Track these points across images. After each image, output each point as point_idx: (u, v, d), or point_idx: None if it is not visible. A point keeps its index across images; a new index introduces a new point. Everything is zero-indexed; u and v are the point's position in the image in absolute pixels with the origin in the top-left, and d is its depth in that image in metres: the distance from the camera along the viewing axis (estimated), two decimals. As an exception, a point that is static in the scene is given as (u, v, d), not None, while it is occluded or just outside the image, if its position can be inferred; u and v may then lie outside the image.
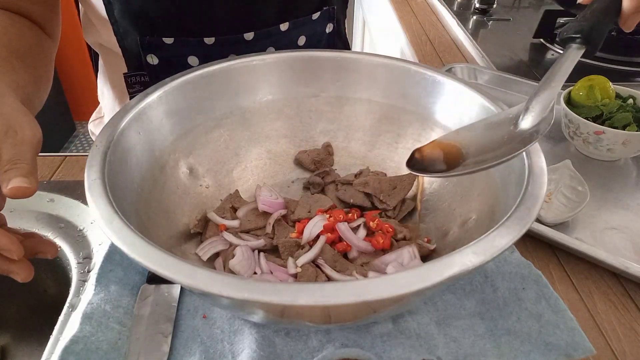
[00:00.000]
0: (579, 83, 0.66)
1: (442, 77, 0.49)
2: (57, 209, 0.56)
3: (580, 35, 0.36)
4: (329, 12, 0.65)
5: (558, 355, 0.39)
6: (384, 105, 0.53)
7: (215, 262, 0.46)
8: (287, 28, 0.61)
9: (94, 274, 0.44)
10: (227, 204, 0.50)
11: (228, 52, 0.58)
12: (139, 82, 0.61)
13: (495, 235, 0.30)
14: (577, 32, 0.36)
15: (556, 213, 0.53)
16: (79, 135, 2.40)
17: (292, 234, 0.47)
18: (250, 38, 0.59)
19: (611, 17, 0.38)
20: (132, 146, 0.42)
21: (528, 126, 0.37)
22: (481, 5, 1.18)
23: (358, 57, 0.53)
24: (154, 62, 0.59)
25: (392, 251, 0.45)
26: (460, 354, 0.39)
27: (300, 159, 0.55)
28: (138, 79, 0.61)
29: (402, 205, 0.51)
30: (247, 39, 0.59)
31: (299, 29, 0.63)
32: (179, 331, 0.40)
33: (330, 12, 0.65)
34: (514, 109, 0.39)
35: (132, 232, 0.30)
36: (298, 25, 0.62)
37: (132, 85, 0.61)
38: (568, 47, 0.37)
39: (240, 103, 0.53)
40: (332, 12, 0.65)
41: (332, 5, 0.65)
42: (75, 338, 0.39)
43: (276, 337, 0.40)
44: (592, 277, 0.48)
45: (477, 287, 0.44)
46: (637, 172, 0.63)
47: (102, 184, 0.34)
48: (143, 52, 0.58)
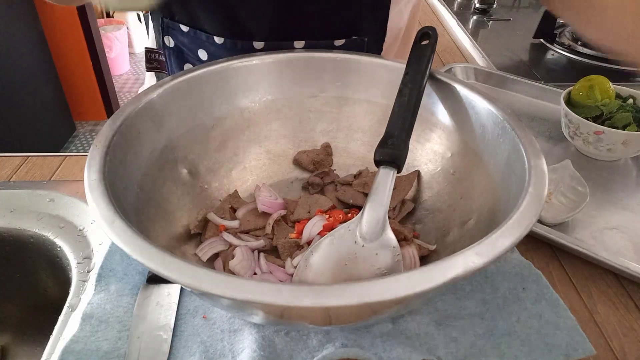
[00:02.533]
0: (579, 83, 0.66)
1: (442, 77, 0.49)
2: (57, 209, 0.56)
3: (396, 162, 0.42)
4: (357, 42, 0.58)
5: (558, 355, 0.39)
6: (383, 106, 0.53)
7: (215, 263, 0.46)
8: (302, 46, 0.58)
9: (94, 274, 0.44)
10: (227, 205, 0.50)
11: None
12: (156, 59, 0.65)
13: (498, 236, 0.30)
14: (395, 159, 0.42)
15: (556, 213, 0.53)
16: (79, 135, 2.40)
17: (292, 235, 0.47)
18: (260, 47, 0.58)
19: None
20: (132, 146, 0.42)
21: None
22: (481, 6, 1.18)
23: (358, 57, 0.53)
24: (170, 44, 0.62)
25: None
26: (460, 354, 0.39)
27: (299, 160, 0.55)
28: (156, 56, 0.65)
29: (402, 206, 0.51)
30: (257, 47, 0.58)
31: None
32: (179, 331, 0.40)
33: (358, 43, 0.59)
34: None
35: (133, 232, 0.30)
36: (315, 47, 0.58)
37: (150, 61, 0.66)
38: (385, 168, 0.42)
39: (239, 103, 0.53)
40: (362, 44, 0.59)
41: (362, 36, 0.58)
42: (75, 338, 0.39)
43: (276, 337, 0.40)
44: (592, 277, 0.48)
45: (477, 287, 0.44)
46: (637, 172, 0.63)
47: (102, 184, 0.34)
48: (162, 32, 0.61)
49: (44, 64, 2.13)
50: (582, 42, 1.00)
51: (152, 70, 0.67)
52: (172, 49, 0.62)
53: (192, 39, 0.60)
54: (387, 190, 0.41)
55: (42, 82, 2.11)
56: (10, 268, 0.57)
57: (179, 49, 0.62)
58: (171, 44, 0.62)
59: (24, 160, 0.64)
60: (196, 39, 0.60)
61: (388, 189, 0.41)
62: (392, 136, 0.43)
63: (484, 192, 0.43)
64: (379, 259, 0.40)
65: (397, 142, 0.42)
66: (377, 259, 0.40)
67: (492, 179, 0.42)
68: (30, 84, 2.02)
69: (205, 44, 0.59)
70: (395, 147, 0.42)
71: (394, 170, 0.42)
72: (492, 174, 0.43)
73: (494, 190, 0.42)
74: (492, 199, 0.41)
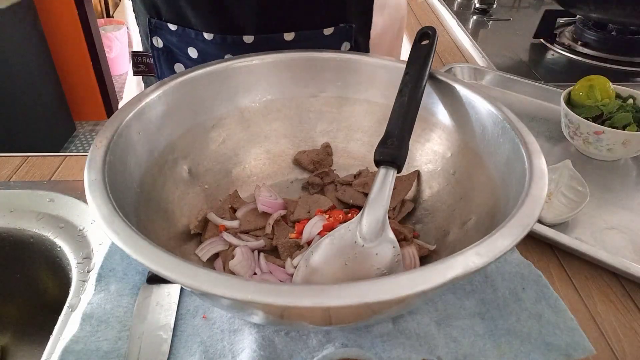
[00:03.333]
0: (579, 83, 0.66)
1: (442, 77, 0.49)
2: (57, 209, 0.56)
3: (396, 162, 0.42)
4: (345, 30, 0.60)
5: (558, 355, 0.39)
6: (383, 106, 0.53)
7: (215, 263, 0.46)
8: (292, 38, 0.59)
9: (94, 274, 0.44)
10: (227, 205, 0.50)
11: (225, 52, 0.58)
12: (144, 62, 0.63)
13: (498, 236, 0.30)
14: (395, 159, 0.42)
15: (556, 213, 0.53)
16: (79, 135, 2.40)
17: (292, 235, 0.47)
18: (250, 41, 0.58)
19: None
20: (132, 146, 0.42)
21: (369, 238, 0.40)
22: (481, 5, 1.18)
23: (358, 57, 0.53)
24: (159, 45, 0.61)
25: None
26: (460, 354, 0.39)
27: (299, 160, 0.55)
28: (144, 59, 0.63)
29: (402, 206, 0.51)
30: (247, 41, 0.58)
31: (307, 42, 0.60)
32: (179, 331, 0.40)
33: (346, 30, 0.60)
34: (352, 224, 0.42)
35: (133, 232, 0.30)
36: (306, 38, 0.59)
37: (137, 65, 0.64)
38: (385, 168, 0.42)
39: (239, 103, 0.53)
40: (349, 31, 0.61)
41: (349, 23, 0.60)
42: (75, 338, 0.39)
43: (276, 337, 0.40)
44: (592, 277, 0.48)
45: (477, 287, 0.44)
46: (637, 172, 0.63)
47: (102, 184, 0.34)
48: (150, 33, 0.60)
49: (44, 64, 2.13)
50: (582, 42, 1.00)
51: (140, 74, 0.66)
52: (161, 49, 0.62)
53: (181, 37, 0.60)
54: (387, 190, 0.41)
55: (42, 82, 2.11)
56: (10, 268, 0.57)
57: (169, 48, 0.62)
58: (160, 44, 0.61)
59: (24, 160, 0.64)
60: (185, 36, 0.59)
61: (388, 189, 0.41)
62: (392, 136, 0.43)
63: (484, 192, 0.43)
64: (379, 259, 0.40)
65: (397, 142, 0.42)
66: (377, 259, 0.40)
67: (492, 179, 0.42)
68: (30, 84, 2.02)
69: (195, 41, 0.59)
70: (395, 147, 0.42)
71: (394, 170, 0.42)
72: (492, 174, 0.43)
73: (494, 190, 0.42)
74: (492, 199, 0.41)
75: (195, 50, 0.60)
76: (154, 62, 0.63)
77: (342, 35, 0.61)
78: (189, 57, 0.61)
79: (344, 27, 0.60)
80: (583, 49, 0.98)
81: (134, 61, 0.63)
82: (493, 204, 0.41)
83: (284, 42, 0.59)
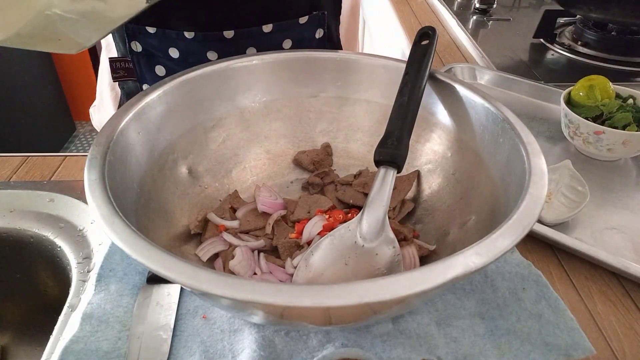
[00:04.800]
0: (579, 83, 0.66)
1: (442, 77, 0.49)
2: (57, 209, 0.56)
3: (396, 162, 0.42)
4: (319, 17, 0.64)
5: (558, 355, 0.39)
6: (383, 106, 0.53)
7: (215, 263, 0.46)
8: (270, 30, 0.61)
9: (94, 274, 0.44)
10: (226, 205, 0.50)
11: (207, 49, 0.59)
12: (123, 67, 0.63)
13: (498, 236, 0.30)
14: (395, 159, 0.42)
15: (556, 213, 0.53)
16: (79, 135, 2.40)
17: (292, 235, 0.47)
18: (230, 36, 0.59)
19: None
20: (132, 146, 0.42)
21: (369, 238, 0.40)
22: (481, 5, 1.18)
23: (358, 57, 0.53)
24: (137, 49, 0.61)
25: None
26: (460, 354, 0.39)
27: (299, 160, 0.55)
28: (122, 64, 0.63)
29: (402, 206, 0.51)
30: (227, 37, 0.59)
31: (284, 33, 0.62)
32: (179, 331, 0.40)
33: (320, 17, 0.64)
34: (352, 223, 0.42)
35: (133, 232, 0.30)
36: (283, 29, 0.61)
37: (116, 71, 0.63)
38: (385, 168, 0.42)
39: (239, 103, 0.53)
40: (323, 18, 0.64)
41: (322, 10, 0.64)
42: (75, 338, 0.39)
43: (276, 337, 0.40)
44: (592, 277, 0.48)
45: (477, 287, 0.44)
46: (637, 172, 0.63)
47: (102, 184, 0.34)
48: (128, 38, 0.60)
49: (44, 64, 2.13)
50: (582, 42, 1.00)
51: (120, 80, 0.65)
52: (141, 53, 0.61)
53: (161, 39, 0.59)
54: (387, 190, 0.41)
55: (42, 82, 2.11)
56: (10, 268, 0.57)
57: (148, 52, 0.61)
58: (139, 48, 0.61)
59: (24, 160, 0.64)
60: (165, 38, 0.59)
61: (388, 189, 0.41)
62: (392, 136, 0.43)
63: (484, 192, 0.43)
64: (379, 259, 0.40)
65: (397, 142, 0.42)
66: (377, 259, 0.40)
67: (492, 179, 0.42)
68: (30, 84, 2.02)
69: (176, 41, 0.59)
70: (395, 147, 0.42)
71: (394, 170, 0.42)
72: (492, 174, 0.43)
73: (494, 190, 0.42)
74: (492, 198, 0.41)
75: (176, 51, 0.60)
76: (134, 66, 0.63)
77: (316, 23, 0.63)
78: (170, 57, 0.61)
79: (317, 14, 0.63)
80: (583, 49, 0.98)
81: (112, 67, 0.63)
82: (493, 204, 0.41)
83: (262, 34, 0.60)
